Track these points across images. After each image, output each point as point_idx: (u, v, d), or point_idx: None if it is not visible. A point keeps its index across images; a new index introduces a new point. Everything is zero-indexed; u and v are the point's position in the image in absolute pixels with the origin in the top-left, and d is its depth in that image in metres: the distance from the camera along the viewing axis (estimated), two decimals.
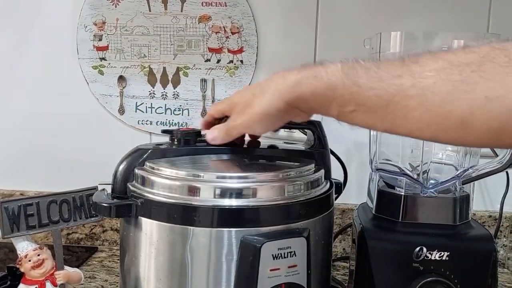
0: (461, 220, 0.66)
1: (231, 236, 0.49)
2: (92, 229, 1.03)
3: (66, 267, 0.66)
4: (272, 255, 0.48)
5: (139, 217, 0.53)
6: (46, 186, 1.02)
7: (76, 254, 0.98)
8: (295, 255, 0.50)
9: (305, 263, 0.50)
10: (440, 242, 0.62)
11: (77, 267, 0.91)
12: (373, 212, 0.69)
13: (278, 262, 0.49)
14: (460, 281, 0.61)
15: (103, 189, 0.60)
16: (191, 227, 0.50)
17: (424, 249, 0.62)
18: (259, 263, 0.48)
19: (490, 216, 0.95)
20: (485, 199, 0.96)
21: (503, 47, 0.40)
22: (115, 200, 0.54)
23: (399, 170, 0.68)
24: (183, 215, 0.50)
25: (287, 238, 0.49)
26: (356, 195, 0.98)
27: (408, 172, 0.67)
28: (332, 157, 0.89)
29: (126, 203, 0.53)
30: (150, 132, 1.01)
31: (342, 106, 0.46)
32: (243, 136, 0.63)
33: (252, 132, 0.56)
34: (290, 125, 0.73)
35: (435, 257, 0.62)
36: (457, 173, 0.66)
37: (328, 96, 0.47)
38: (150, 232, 0.52)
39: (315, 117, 0.61)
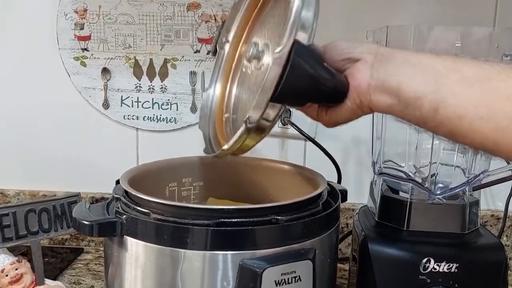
0: (470, 228, 0.62)
1: (227, 260, 0.45)
2: None
3: (47, 281, 0.61)
4: (275, 281, 0.44)
5: (124, 236, 0.48)
6: (27, 184, 0.97)
7: (61, 256, 0.93)
8: (300, 280, 0.45)
9: (311, 287, 0.46)
10: (449, 253, 0.58)
11: (62, 270, 0.86)
12: (376, 219, 0.65)
13: None
14: None
15: (85, 201, 0.55)
16: (183, 250, 0.45)
17: (432, 261, 0.58)
18: None
19: (492, 216, 0.91)
20: (487, 198, 0.93)
21: None
22: (96, 217, 0.49)
23: (404, 176, 0.64)
24: (173, 236, 0.45)
25: (291, 262, 0.45)
26: (354, 194, 0.93)
27: (415, 177, 0.63)
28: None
29: (109, 220, 0.48)
30: (137, 128, 0.95)
31: None
32: None
33: None
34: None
35: (443, 269, 0.58)
36: (468, 179, 0.62)
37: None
38: (136, 253, 0.47)
39: None
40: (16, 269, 0.58)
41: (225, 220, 0.45)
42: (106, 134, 0.95)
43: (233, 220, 0.45)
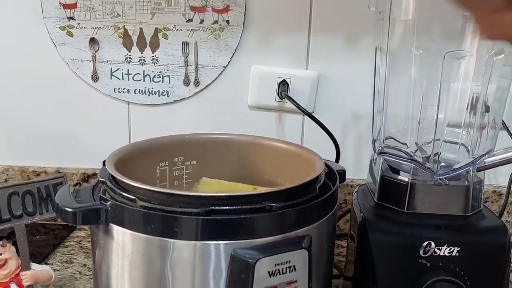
0: (473, 210, 0.59)
1: (219, 250, 0.42)
2: None
3: (34, 265, 0.59)
4: (268, 272, 0.42)
5: (109, 223, 0.45)
6: (15, 160, 0.94)
7: (53, 232, 0.92)
8: (295, 270, 0.43)
9: (307, 277, 0.44)
10: (450, 237, 0.56)
11: (55, 247, 0.85)
12: (375, 200, 0.63)
13: (275, 279, 0.42)
14: (471, 277, 0.56)
15: (69, 185, 0.52)
16: (171, 240, 0.42)
17: (433, 244, 0.56)
18: (253, 282, 0.41)
19: (494, 192, 0.89)
20: (489, 174, 0.90)
21: None
22: (80, 204, 0.46)
23: (406, 156, 0.61)
24: (161, 225, 0.42)
25: (286, 252, 0.42)
26: (352, 169, 0.92)
27: (417, 158, 0.60)
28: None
29: (93, 207, 0.45)
30: (128, 102, 0.91)
31: None
32: None
33: None
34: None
35: (444, 253, 0.56)
36: (473, 159, 0.59)
37: None
38: (123, 242, 0.44)
39: None
40: (0, 254, 0.56)
41: (215, 208, 0.43)
42: (96, 108, 0.92)
43: (225, 208, 0.43)
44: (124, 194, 0.46)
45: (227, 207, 0.43)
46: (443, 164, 0.61)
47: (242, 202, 0.43)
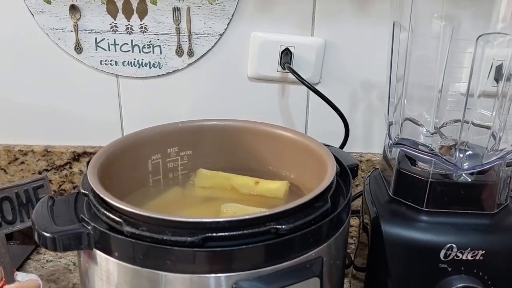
0: (499, 206, 0.54)
1: (219, 283, 0.37)
2: (60, 186, 0.90)
3: (19, 275, 0.54)
4: None
5: (93, 248, 0.40)
6: (1, 138, 0.88)
7: None
8: None
9: None
10: (474, 239, 0.51)
11: None
12: (391, 194, 0.57)
13: None
14: (496, 283, 0.51)
15: (48, 196, 0.46)
16: (163, 273, 0.37)
17: (455, 247, 0.51)
18: None
19: None
20: None
21: None
22: (60, 227, 0.40)
23: (426, 149, 0.54)
24: (150, 256, 0.37)
25: (295, 284, 0.37)
26: (361, 143, 0.86)
27: (436, 150, 0.54)
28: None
29: (74, 231, 0.39)
30: (117, 75, 0.83)
31: None
32: None
33: None
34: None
35: (467, 257, 0.51)
36: (503, 154, 0.53)
37: None
38: (108, 271, 0.39)
39: None
40: None
41: (213, 234, 0.37)
42: (82, 82, 0.84)
43: (223, 234, 0.37)
44: (108, 214, 0.40)
45: (226, 233, 0.37)
46: (470, 152, 0.55)
47: (243, 226, 0.37)
